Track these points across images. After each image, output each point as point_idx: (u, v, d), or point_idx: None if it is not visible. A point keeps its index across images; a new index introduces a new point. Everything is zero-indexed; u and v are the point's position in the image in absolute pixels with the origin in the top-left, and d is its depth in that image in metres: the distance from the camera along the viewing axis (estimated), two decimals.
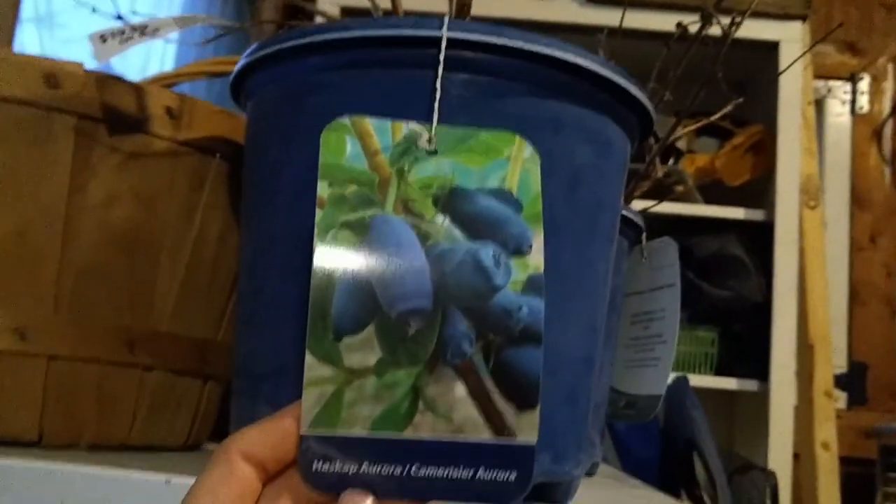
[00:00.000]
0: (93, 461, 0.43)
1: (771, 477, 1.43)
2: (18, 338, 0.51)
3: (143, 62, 1.63)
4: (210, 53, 1.36)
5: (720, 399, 1.78)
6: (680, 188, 1.82)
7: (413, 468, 0.35)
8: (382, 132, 0.39)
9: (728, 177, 1.87)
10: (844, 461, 1.82)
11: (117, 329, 0.54)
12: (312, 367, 0.35)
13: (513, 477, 0.35)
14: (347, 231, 0.37)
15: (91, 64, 0.54)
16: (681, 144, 1.95)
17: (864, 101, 2.44)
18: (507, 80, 0.43)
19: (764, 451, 1.62)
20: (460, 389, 0.36)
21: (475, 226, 0.37)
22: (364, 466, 0.35)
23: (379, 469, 0.35)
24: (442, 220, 0.37)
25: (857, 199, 2.39)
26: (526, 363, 0.36)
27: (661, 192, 1.66)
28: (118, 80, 0.54)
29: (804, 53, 1.50)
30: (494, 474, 0.35)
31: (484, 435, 0.36)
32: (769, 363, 1.66)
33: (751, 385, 1.70)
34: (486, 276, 0.36)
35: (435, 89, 0.42)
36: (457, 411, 0.36)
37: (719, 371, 1.76)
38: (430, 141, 0.39)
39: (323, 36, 0.43)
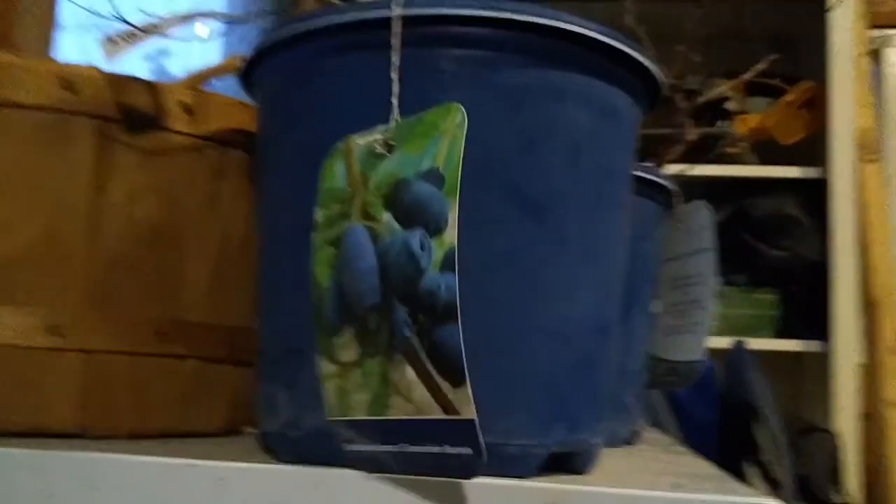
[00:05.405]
0: (125, 449, 0.45)
1: (834, 438, 1.40)
2: (54, 335, 0.53)
3: (186, 62, 1.66)
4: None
5: (785, 362, 1.74)
6: (732, 150, 1.79)
7: (402, 446, 0.38)
8: (360, 146, 0.41)
9: (781, 135, 1.82)
10: None
11: (147, 320, 0.55)
12: (323, 364, 0.40)
13: (468, 451, 0.36)
14: (330, 248, 0.40)
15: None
16: (732, 105, 1.91)
17: None
18: (502, 53, 0.43)
19: (829, 412, 1.59)
20: (410, 372, 0.37)
21: (409, 214, 0.38)
22: (372, 446, 0.39)
23: (382, 448, 0.39)
24: (387, 218, 0.39)
25: None
26: (449, 340, 0.37)
27: (708, 153, 1.64)
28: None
29: None
30: (456, 450, 0.36)
31: (437, 413, 0.37)
32: (830, 323, 1.63)
33: (814, 346, 1.66)
34: (415, 260, 0.37)
35: (433, 67, 0.42)
36: (413, 392, 0.37)
37: (781, 333, 1.73)
38: (384, 143, 0.40)
39: (313, 23, 0.44)
